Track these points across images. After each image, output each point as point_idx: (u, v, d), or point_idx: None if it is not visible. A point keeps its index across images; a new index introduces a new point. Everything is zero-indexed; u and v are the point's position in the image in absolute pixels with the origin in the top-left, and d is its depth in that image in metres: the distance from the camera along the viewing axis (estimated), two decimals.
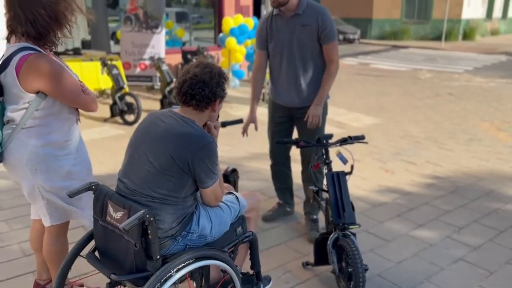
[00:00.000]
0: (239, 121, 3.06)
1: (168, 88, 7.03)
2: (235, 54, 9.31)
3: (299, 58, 3.01)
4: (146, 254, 1.76)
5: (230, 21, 9.34)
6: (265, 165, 4.37)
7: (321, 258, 2.75)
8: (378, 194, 4.16)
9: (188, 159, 1.79)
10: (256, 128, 3.27)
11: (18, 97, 2.04)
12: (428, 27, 23.71)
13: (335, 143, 2.88)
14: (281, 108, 3.22)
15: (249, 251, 2.27)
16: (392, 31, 23.92)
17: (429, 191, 4.25)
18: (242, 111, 7.44)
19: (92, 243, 2.01)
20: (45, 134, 2.10)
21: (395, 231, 3.47)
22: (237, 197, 2.17)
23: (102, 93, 8.19)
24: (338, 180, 2.73)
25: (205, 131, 1.89)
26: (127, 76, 9.06)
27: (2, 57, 2.06)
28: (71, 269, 1.99)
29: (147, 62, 8.93)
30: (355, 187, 4.29)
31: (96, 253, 1.97)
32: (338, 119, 7.10)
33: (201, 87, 1.87)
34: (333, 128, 6.52)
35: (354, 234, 2.63)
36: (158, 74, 8.05)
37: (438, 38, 22.45)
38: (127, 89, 7.25)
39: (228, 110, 7.54)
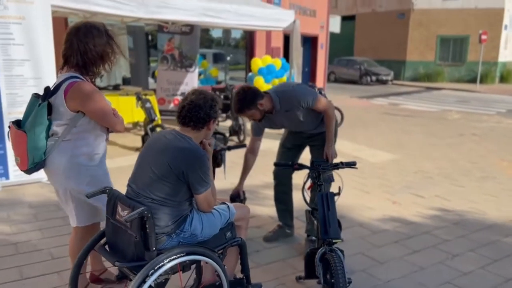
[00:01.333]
0: (243, 145, 3.44)
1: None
2: None
3: (297, 125, 3.55)
4: (144, 246, 2.13)
5: (259, 61, 9.93)
6: None
7: (310, 271, 3.01)
8: (381, 222, 4.38)
9: (182, 169, 2.19)
10: (241, 198, 3.58)
11: (63, 114, 2.52)
12: (463, 70, 23.73)
13: (327, 167, 3.20)
14: (294, 136, 3.72)
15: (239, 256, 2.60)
16: (426, 73, 24.05)
17: (432, 222, 4.43)
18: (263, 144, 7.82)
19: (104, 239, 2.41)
20: (80, 146, 2.56)
21: (389, 255, 3.68)
22: (228, 206, 2.53)
23: (135, 125, 8.80)
24: (327, 200, 3.03)
25: (199, 147, 2.29)
26: (161, 111, 9.74)
27: (54, 84, 2.57)
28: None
29: (180, 99, 9.59)
30: (360, 215, 4.53)
31: (106, 247, 2.36)
32: (356, 154, 7.35)
33: (197, 111, 2.28)
34: None
35: (341, 251, 2.90)
36: None
37: (473, 80, 22.40)
38: (159, 121, 7.83)
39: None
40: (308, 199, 3.46)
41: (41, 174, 3.80)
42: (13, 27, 5.04)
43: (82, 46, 2.50)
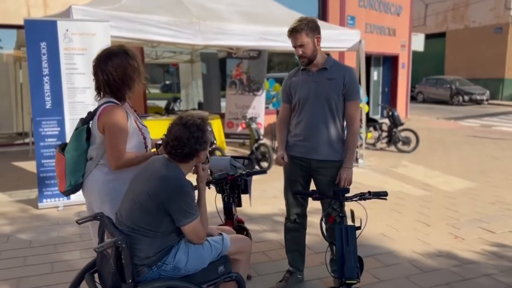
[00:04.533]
0: (263, 171, 3.27)
1: (256, 145, 7.48)
2: None
3: (321, 109, 3.05)
4: (120, 277, 2.05)
5: None
6: None
7: None
8: (433, 260, 3.88)
9: (162, 199, 2.09)
10: (284, 159, 3.20)
11: (96, 138, 2.57)
12: None
13: (351, 198, 2.90)
14: (298, 164, 3.19)
15: None
16: None
17: (497, 263, 3.82)
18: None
19: None
20: (112, 171, 2.54)
21: None
22: (223, 238, 2.37)
23: None
24: (347, 234, 2.73)
25: (182, 175, 2.16)
26: (230, 134, 9.88)
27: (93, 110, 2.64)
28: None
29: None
30: (412, 251, 4.07)
31: (96, 275, 2.32)
32: (426, 181, 6.73)
33: (181, 148, 2.17)
34: (417, 189, 6.22)
35: None
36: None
37: None
38: (221, 144, 7.95)
39: None
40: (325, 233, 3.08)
41: None
42: (77, 58, 5.43)
43: (105, 75, 2.52)
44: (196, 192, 2.34)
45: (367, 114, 10.38)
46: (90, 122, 2.60)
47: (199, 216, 2.21)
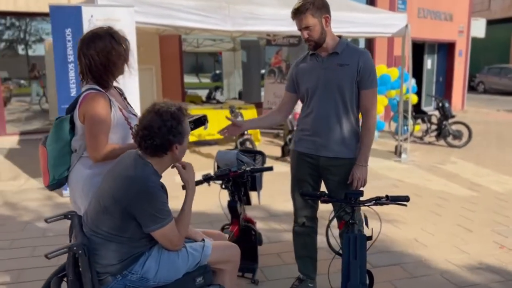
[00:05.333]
0: (269, 168, 2.94)
1: (289, 136, 7.13)
2: None
3: (332, 100, 2.67)
4: (80, 286, 1.82)
5: None
6: None
7: None
8: (471, 273, 3.39)
9: (124, 203, 1.83)
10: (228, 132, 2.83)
11: (79, 128, 2.37)
12: None
13: (365, 202, 2.51)
14: (306, 162, 2.82)
15: None
16: None
17: None
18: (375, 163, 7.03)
19: None
20: (97, 164, 2.34)
21: None
22: (204, 246, 2.09)
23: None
24: (355, 244, 2.36)
25: (149, 176, 1.88)
26: None
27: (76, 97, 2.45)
28: None
29: None
30: (447, 260, 3.59)
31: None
32: (475, 180, 6.09)
33: (151, 138, 1.89)
34: (463, 189, 5.63)
35: None
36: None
37: None
38: (254, 135, 7.68)
39: None
40: (334, 242, 2.68)
41: None
42: None
43: (87, 59, 2.31)
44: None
45: (416, 105, 9.69)
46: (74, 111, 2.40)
47: (174, 221, 1.94)
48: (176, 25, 5.73)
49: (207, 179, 2.87)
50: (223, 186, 3.02)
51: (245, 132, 6.79)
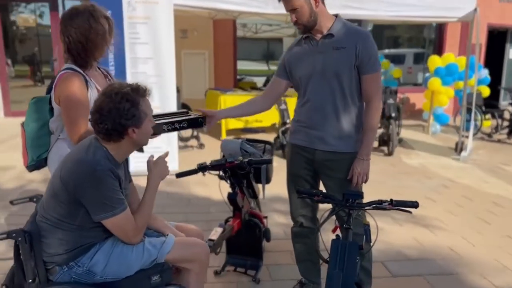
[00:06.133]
0: (268, 161, 2.69)
1: (282, 128, 6.55)
2: (439, 96, 8.23)
3: (329, 87, 2.36)
4: (23, 276, 1.74)
5: (437, 60, 8.34)
6: None
7: None
8: None
9: (71, 187, 1.70)
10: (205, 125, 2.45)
11: (55, 109, 2.34)
12: None
13: (364, 206, 2.19)
14: (301, 156, 2.52)
15: None
16: None
17: None
18: (420, 159, 6.49)
19: None
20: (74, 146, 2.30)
21: None
22: (164, 241, 1.91)
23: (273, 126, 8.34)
24: (344, 252, 2.06)
25: (98, 160, 1.73)
26: None
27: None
28: None
29: None
30: (484, 277, 3.13)
31: None
32: None
33: (102, 122, 1.74)
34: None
35: None
36: None
37: None
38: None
39: (403, 157, 6.68)
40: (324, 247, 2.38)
41: None
42: (140, 27, 5.32)
43: (66, 36, 2.25)
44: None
45: (487, 98, 8.79)
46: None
47: (128, 211, 1.79)
48: (216, 7, 5.58)
49: (201, 168, 2.70)
50: (221, 177, 2.83)
51: (287, 121, 6.49)
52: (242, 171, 2.76)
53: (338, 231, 2.29)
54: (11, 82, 9.61)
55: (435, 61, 8.35)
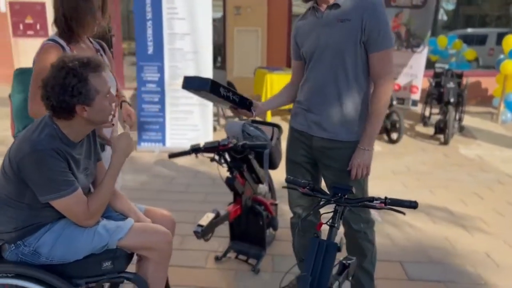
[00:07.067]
0: (263, 146, 2.47)
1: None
2: None
3: (331, 66, 2.06)
4: None
5: None
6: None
7: None
8: None
9: (15, 166, 1.63)
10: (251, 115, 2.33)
11: None
12: None
13: (352, 202, 1.91)
14: (299, 141, 2.26)
15: None
16: None
17: None
18: (480, 150, 5.87)
19: None
20: None
21: None
22: (118, 226, 1.80)
23: None
24: (322, 252, 1.82)
25: (38, 139, 1.62)
26: None
27: None
28: None
29: (402, 83, 8.26)
30: (483, 273, 2.71)
31: None
32: None
33: (48, 98, 1.63)
34: None
35: None
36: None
37: None
38: None
39: (460, 147, 6.08)
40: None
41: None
42: (178, 2, 5.23)
43: (55, 7, 2.19)
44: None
45: None
46: None
47: (79, 193, 1.68)
48: None
49: (194, 150, 2.55)
50: (215, 160, 2.65)
51: None
52: (239, 155, 2.58)
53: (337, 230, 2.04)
54: None
55: (510, 41, 7.45)
